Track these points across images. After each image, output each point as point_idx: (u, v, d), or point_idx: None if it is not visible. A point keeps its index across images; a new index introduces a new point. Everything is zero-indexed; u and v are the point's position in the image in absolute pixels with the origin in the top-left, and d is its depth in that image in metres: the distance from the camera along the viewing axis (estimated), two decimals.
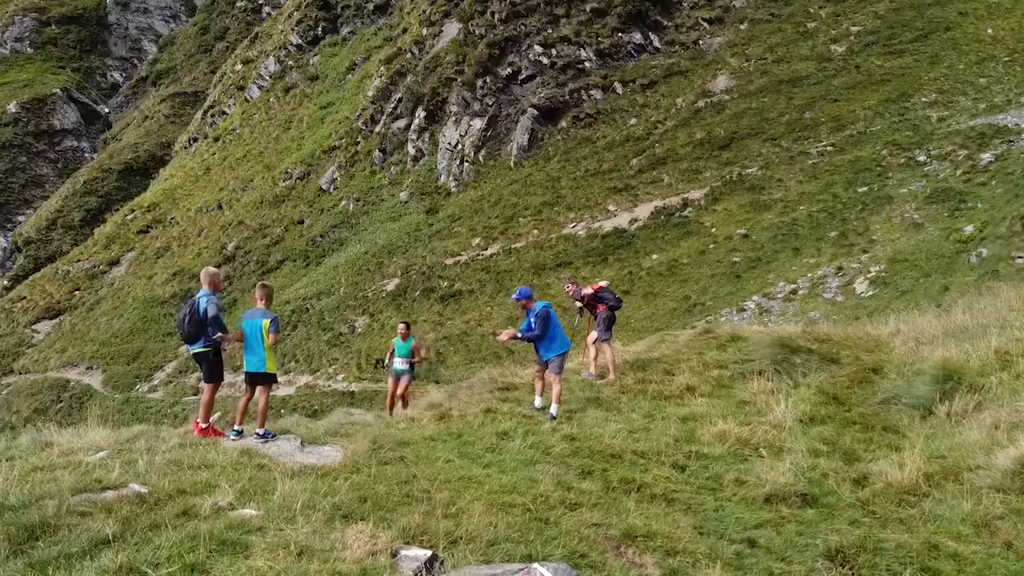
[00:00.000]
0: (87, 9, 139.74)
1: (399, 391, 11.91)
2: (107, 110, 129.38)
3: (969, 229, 26.50)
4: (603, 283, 11.39)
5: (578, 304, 11.41)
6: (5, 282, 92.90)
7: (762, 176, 38.74)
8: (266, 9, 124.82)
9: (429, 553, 3.75)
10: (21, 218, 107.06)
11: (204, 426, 6.85)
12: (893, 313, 17.37)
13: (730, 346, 11.27)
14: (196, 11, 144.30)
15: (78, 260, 66.42)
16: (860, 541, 4.89)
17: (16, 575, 3.18)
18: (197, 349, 7.11)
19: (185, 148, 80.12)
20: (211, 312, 6.99)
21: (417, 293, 40.44)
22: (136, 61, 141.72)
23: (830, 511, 5.63)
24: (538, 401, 9.21)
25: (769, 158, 40.15)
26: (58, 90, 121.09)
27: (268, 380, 7.15)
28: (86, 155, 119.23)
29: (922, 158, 34.68)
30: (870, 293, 25.41)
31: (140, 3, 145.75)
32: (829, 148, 39.03)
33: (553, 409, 8.68)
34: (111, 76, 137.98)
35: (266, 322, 7.23)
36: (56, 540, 3.59)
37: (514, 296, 9.37)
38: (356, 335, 39.67)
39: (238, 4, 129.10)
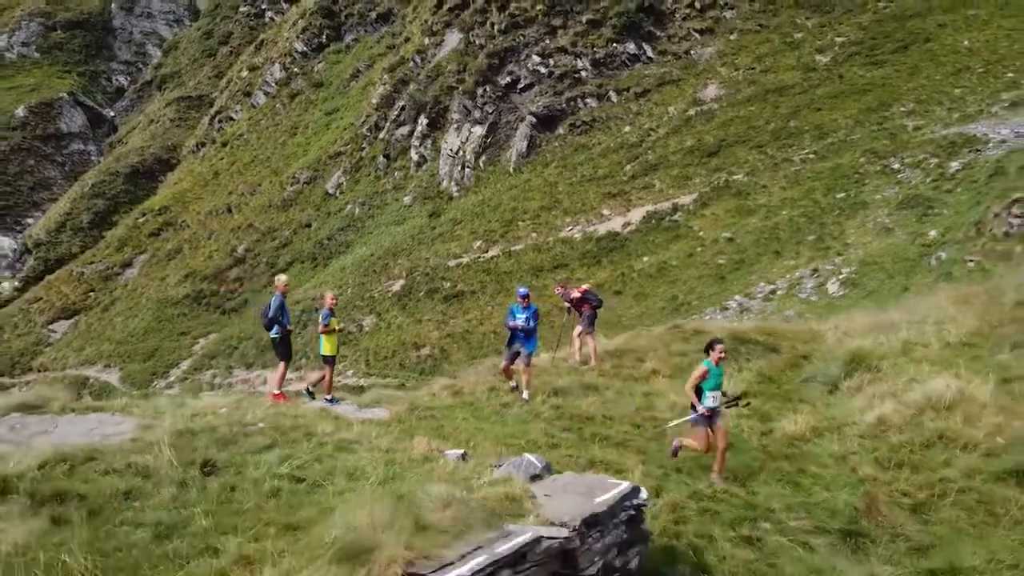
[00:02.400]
0: (92, 14, 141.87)
1: (721, 444, 7.70)
2: (112, 113, 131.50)
3: (933, 234, 28.70)
4: (586, 286, 13.57)
5: (567, 304, 13.62)
6: (16, 283, 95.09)
7: (748, 182, 40.94)
8: (269, 14, 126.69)
9: (462, 451, 5.97)
10: (30, 220, 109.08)
11: (277, 392, 9.13)
12: (856, 311, 19.62)
13: (693, 339, 13.48)
14: (199, 15, 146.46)
15: (91, 262, 68.64)
16: (744, 467, 7.07)
17: (234, 457, 5.35)
18: (271, 335, 9.52)
19: (193, 153, 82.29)
20: (271, 312, 9.45)
21: (422, 293, 42.60)
22: (140, 65, 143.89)
23: (741, 451, 7.81)
24: (512, 384, 11.01)
25: (755, 165, 42.35)
26: (65, 94, 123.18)
27: (328, 360, 9.50)
28: (92, 158, 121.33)
29: (896, 166, 36.88)
30: (841, 293, 27.61)
31: (144, 8, 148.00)
32: (811, 155, 41.22)
33: (525, 394, 10.60)
34: (116, 80, 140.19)
35: (319, 316, 9.59)
36: (240, 445, 5.75)
37: (524, 291, 11.27)
38: (364, 333, 41.85)
39: (241, 9, 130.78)
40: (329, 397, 9.11)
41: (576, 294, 13.11)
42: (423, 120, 57.26)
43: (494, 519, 4.06)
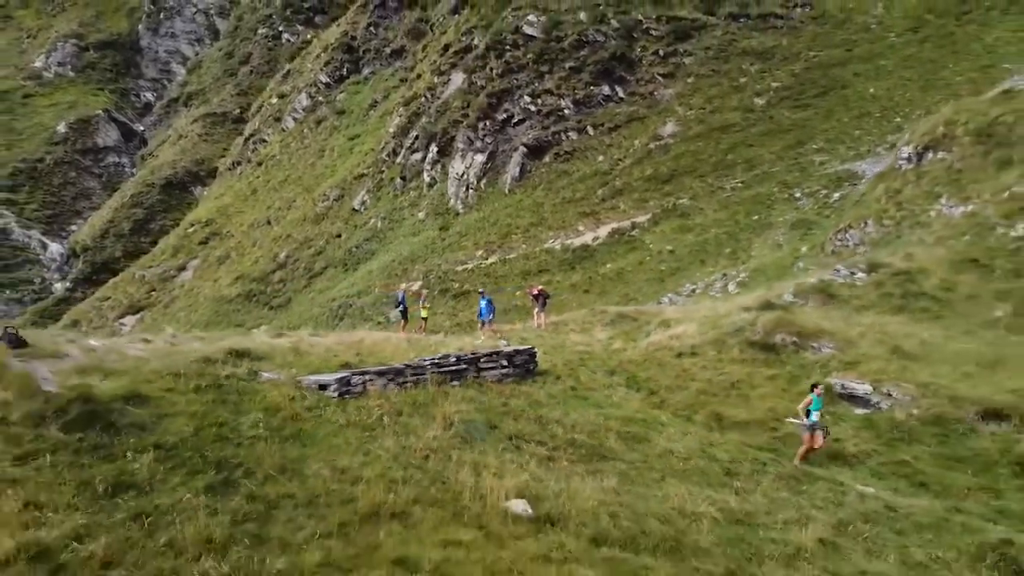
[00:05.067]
0: (121, 35, 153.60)
1: (817, 444, 13.26)
2: (142, 128, 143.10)
3: (804, 249, 40.18)
4: (540, 286, 25.12)
5: (531, 296, 25.27)
6: (68, 284, 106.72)
7: (690, 206, 52.45)
8: (285, 36, 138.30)
9: (480, 341, 17.50)
10: (73, 227, 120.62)
11: (403, 333, 20.88)
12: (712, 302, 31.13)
13: (600, 316, 25.12)
14: (219, 35, 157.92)
15: (150, 266, 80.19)
16: (601, 360, 18.57)
17: (415, 341, 16.63)
18: (399, 310, 21.30)
19: (230, 170, 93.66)
20: (397, 298, 21.24)
21: (436, 292, 54.09)
22: (165, 82, 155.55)
23: (595, 357, 19.26)
24: (481, 337, 22.88)
25: (697, 191, 53.84)
26: (100, 111, 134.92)
27: (424, 319, 21.32)
28: (126, 170, 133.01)
29: (798, 195, 48.39)
30: (736, 292, 39.06)
31: (168, 28, 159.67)
32: (739, 184, 52.71)
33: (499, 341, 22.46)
34: (143, 96, 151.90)
35: (422, 299, 21.49)
36: (414, 342, 17.10)
37: (483, 291, 23.09)
38: (392, 324, 53.37)
39: (260, 31, 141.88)
40: (424, 334, 20.71)
41: (535, 291, 24.77)
42: (433, 148, 68.76)
43: (491, 347, 15.40)
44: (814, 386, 13.91)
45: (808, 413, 13.43)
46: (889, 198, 32.79)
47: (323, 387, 11.80)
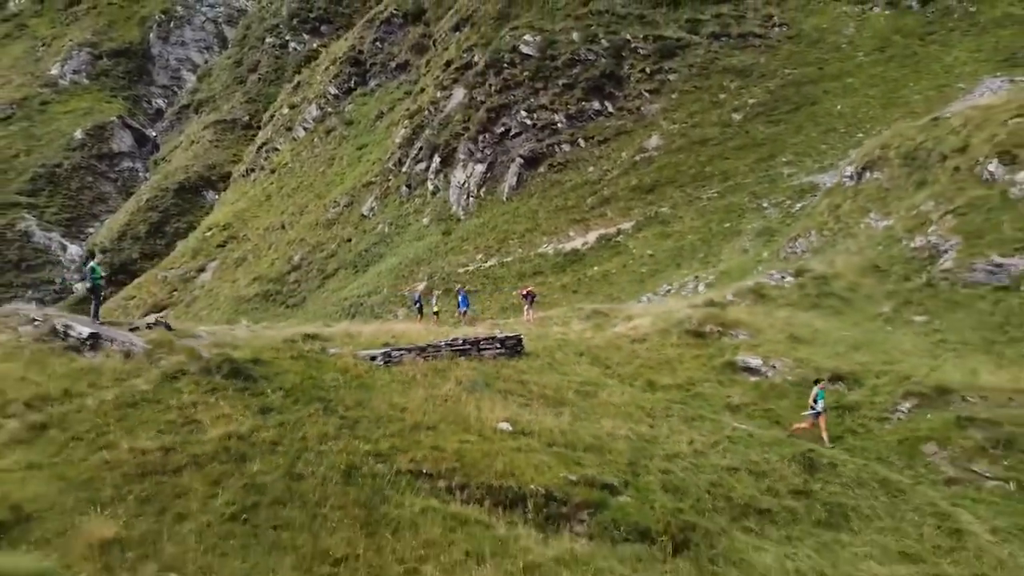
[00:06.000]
0: (133, 43, 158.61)
1: (808, 424, 16.50)
2: (154, 134, 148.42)
3: (765, 254, 45.63)
4: (531, 287, 30.57)
5: (522, 296, 30.72)
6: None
7: (670, 214, 57.83)
8: (292, 45, 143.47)
9: (479, 329, 22.85)
10: (90, 230, 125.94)
11: (419, 324, 26.25)
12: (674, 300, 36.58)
13: (577, 312, 30.59)
14: (227, 43, 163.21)
15: (171, 268, 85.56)
16: (574, 345, 24.00)
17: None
18: (416, 306, 26.71)
19: (243, 176, 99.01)
20: (415, 297, 26.67)
21: (440, 292, 59.41)
22: (175, 89, 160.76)
23: (569, 343, 24.63)
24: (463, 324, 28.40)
25: (677, 201, 59.21)
26: (115, 117, 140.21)
27: (435, 313, 26.78)
28: (140, 174, 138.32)
29: (766, 205, 53.76)
30: (704, 292, 44.44)
31: (178, 37, 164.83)
32: (715, 195, 58.09)
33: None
34: (155, 103, 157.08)
35: (432, 298, 26.93)
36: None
37: (458, 288, 28.68)
38: (399, 321, 58.81)
39: (267, 40, 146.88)
40: (436, 326, 26.17)
41: (524, 292, 30.25)
42: (437, 158, 74.17)
43: (488, 334, 20.70)
44: (817, 381, 17.29)
45: (816, 403, 16.64)
46: (830, 212, 38.21)
47: (372, 358, 17.26)
